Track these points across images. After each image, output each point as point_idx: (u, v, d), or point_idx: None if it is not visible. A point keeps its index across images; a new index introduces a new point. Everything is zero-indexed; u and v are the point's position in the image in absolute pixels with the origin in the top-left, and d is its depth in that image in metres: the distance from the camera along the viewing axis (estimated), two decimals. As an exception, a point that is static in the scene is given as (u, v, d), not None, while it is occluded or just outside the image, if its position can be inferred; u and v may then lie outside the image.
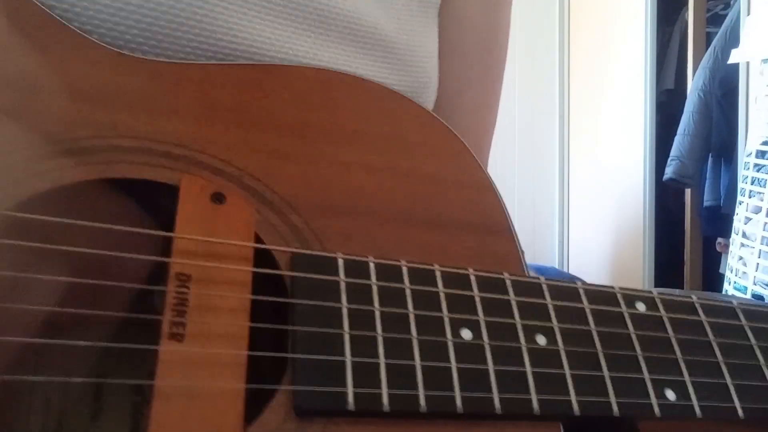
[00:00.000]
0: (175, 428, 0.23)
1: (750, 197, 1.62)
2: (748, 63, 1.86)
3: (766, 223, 1.53)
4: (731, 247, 1.71)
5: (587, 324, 0.30)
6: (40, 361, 0.29)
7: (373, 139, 0.34)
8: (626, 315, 0.31)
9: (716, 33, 2.09)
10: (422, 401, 0.25)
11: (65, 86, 0.30)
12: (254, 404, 0.25)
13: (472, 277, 0.30)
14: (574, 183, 2.66)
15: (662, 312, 0.31)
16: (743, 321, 0.33)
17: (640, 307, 0.31)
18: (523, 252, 0.33)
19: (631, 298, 0.31)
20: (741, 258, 1.65)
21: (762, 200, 1.56)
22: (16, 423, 0.28)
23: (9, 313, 0.24)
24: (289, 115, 0.32)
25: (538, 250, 2.62)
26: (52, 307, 0.25)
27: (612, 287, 0.31)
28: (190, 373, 0.24)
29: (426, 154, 0.34)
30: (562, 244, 2.70)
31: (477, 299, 0.29)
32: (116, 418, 0.30)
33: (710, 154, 2.12)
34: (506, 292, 0.30)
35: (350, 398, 0.25)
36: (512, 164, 2.62)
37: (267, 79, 0.33)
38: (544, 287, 0.30)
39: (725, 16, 2.11)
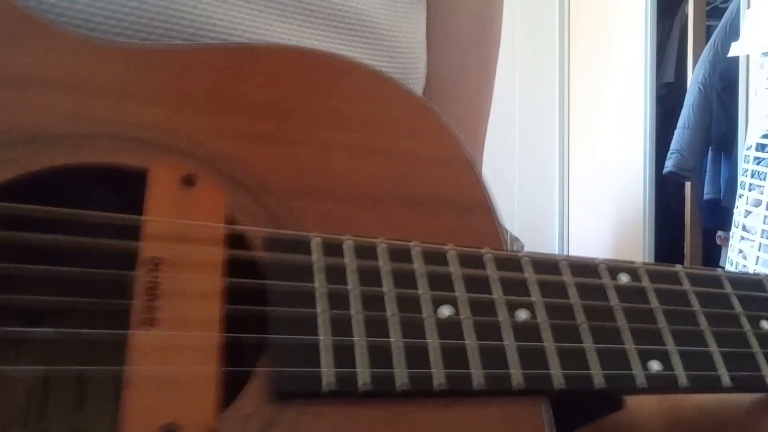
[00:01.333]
0: (148, 415, 0.22)
1: (750, 190, 1.61)
2: (748, 56, 1.85)
3: (766, 216, 1.53)
4: (731, 240, 1.71)
5: (569, 297, 0.30)
6: (20, 349, 0.28)
7: (351, 118, 0.33)
8: (609, 287, 0.30)
9: (716, 26, 2.09)
10: (400, 380, 0.25)
11: (28, 74, 0.29)
12: (238, 389, 0.24)
13: (451, 254, 0.29)
14: (574, 176, 2.66)
15: (646, 283, 0.31)
16: (729, 289, 0.32)
17: (624, 278, 0.31)
18: (503, 228, 0.33)
19: (614, 269, 0.31)
20: (741, 251, 1.65)
21: (762, 193, 1.56)
22: None
23: None
24: (263, 96, 0.32)
25: (538, 243, 2.62)
26: (23, 296, 0.24)
27: (594, 259, 0.31)
28: (163, 358, 0.23)
29: (405, 133, 0.34)
30: (562, 237, 2.70)
31: (456, 276, 0.28)
32: (100, 406, 0.29)
33: (710, 147, 2.12)
34: (486, 268, 0.29)
35: (327, 379, 0.24)
36: (512, 159, 2.62)
37: (240, 60, 0.33)
38: (525, 262, 0.30)
39: (725, 9, 2.11)
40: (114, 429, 0.22)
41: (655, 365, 0.29)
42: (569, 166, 2.67)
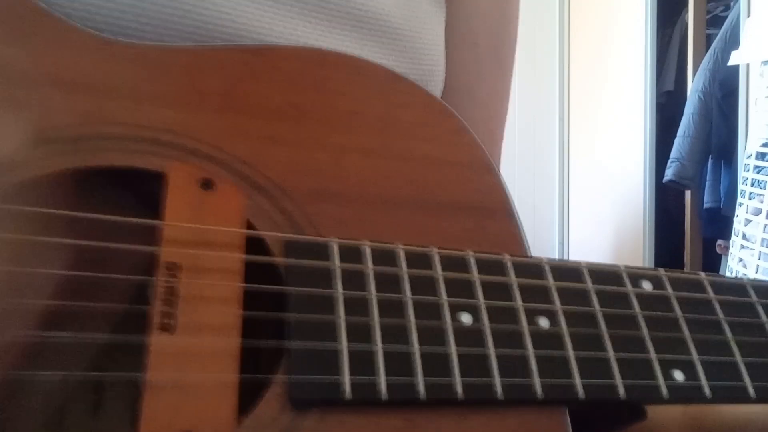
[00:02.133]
0: (166, 422, 0.22)
1: (750, 199, 1.61)
2: (748, 65, 1.86)
3: (766, 225, 1.53)
4: (731, 249, 1.71)
5: (591, 305, 0.29)
6: (38, 356, 0.28)
7: (368, 120, 0.33)
8: (632, 294, 0.30)
9: (716, 35, 2.09)
10: (421, 388, 0.25)
11: (48, 74, 0.29)
12: (256, 395, 0.24)
13: (471, 260, 0.29)
14: (574, 184, 2.66)
15: (669, 290, 0.31)
16: (754, 298, 0.32)
17: (646, 286, 0.30)
18: (523, 232, 0.32)
19: (636, 276, 0.30)
20: (741, 260, 1.65)
21: (762, 202, 1.56)
22: (17, 419, 0.28)
23: (7, 310, 0.24)
24: (280, 98, 0.32)
25: (537, 251, 2.60)
26: (46, 301, 0.24)
27: (617, 266, 0.31)
28: (182, 364, 0.23)
29: (423, 135, 0.33)
30: (562, 245, 2.69)
31: (476, 282, 0.28)
32: (117, 411, 0.29)
33: (710, 156, 2.12)
34: (507, 274, 0.29)
35: (346, 387, 0.24)
36: (512, 165, 2.62)
37: (257, 62, 0.32)
38: (546, 268, 0.30)
39: (725, 17, 2.11)
40: None
41: (678, 375, 0.28)
42: (569, 173, 2.67)
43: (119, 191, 0.29)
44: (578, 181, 2.64)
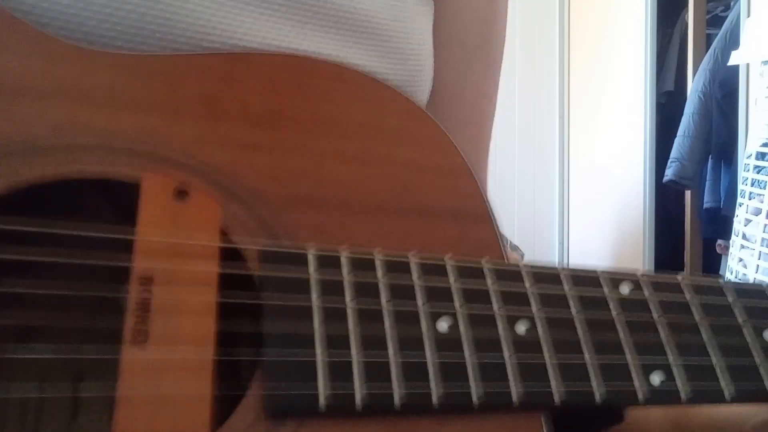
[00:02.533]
0: None
1: (750, 199, 1.61)
2: (748, 65, 1.85)
3: (766, 224, 1.53)
4: (731, 249, 1.70)
5: (569, 310, 0.29)
6: (14, 365, 0.28)
7: (348, 126, 0.33)
8: (610, 298, 0.30)
9: (716, 35, 2.09)
10: (397, 398, 0.25)
11: (22, 83, 0.28)
12: (232, 405, 0.24)
13: (449, 266, 0.29)
14: (574, 184, 2.66)
15: (647, 293, 0.31)
16: (731, 300, 0.32)
17: (625, 289, 0.31)
18: (503, 237, 0.32)
19: (615, 280, 0.31)
20: (741, 260, 1.64)
21: (762, 202, 1.56)
22: None
23: None
24: (259, 105, 0.31)
25: (538, 251, 2.62)
26: (12, 314, 0.24)
27: (595, 270, 0.31)
28: (155, 377, 0.23)
29: (403, 141, 0.33)
30: (562, 245, 2.69)
31: (454, 288, 0.28)
32: (94, 418, 0.29)
33: (710, 156, 2.11)
34: (485, 280, 0.29)
35: (322, 399, 0.24)
36: (512, 165, 2.62)
37: (236, 68, 0.32)
38: (525, 273, 0.30)
39: (725, 17, 2.11)
40: None
41: (657, 378, 0.28)
42: (569, 173, 2.67)
43: (94, 200, 0.29)
44: (578, 180, 2.64)
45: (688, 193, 2.25)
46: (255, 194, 0.29)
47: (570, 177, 2.67)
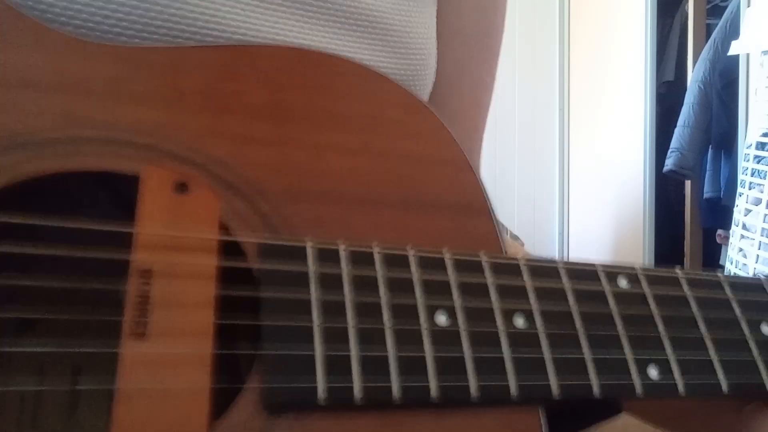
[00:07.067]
0: (138, 430, 0.22)
1: (750, 189, 1.61)
2: (748, 54, 1.85)
3: (766, 214, 1.53)
4: (731, 239, 1.71)
5: (567, 304, 0.29)
6: (13, 356, 0.28)
7: (348, 119, 0.32)
8: (608, 292, 0.30)
9: (716, 24, 2.08)
10: (395, 392, 0.25)
11: (22, 76, 0.28)
12: (231, 399, 0.24)
13: (448, 260, 0.29)
14: (574, 175, 2.66)
15: (645, 287, 0.31)
16: (729, 294, 0.32)
17: (623, 283, 0.31)
18: (502, 229, 0.32)
19: (613, 274, 0.31)
20: (741, 249, 1.65)
21: (762, 192, 1.56)
22: None
23: None
24: (259, 97, 0.31)
25: (538, 242, 2.62)
26: (14, 307, 0.24)
27: (593, 264, 0.31)
28: (154, 371, 0.23)
29: (403, 134, 0.33)
30: (562, 236, 2.69)
31: (453, 283, 0.28)
32: (93, 411, 0.29)
33: (710, 146, 2.11)
34: (483, 274, 0.29)
35: (321, 392, 0.24)
36: (512, 157, 2.61)
37: (236, 60, 0.32)
38: (523, 267, 0.29)
39: (725, 7, 2.10)
40: None
41: (653, 372, 0.29)
42: (569, 164, 2.67)
43: (95, 193, 0.29)
44: (578, 171, 2.64)
45: (688, 184, 2.25)
46: (255, 187, 0.29)
47: (570, 167, 2.67)
